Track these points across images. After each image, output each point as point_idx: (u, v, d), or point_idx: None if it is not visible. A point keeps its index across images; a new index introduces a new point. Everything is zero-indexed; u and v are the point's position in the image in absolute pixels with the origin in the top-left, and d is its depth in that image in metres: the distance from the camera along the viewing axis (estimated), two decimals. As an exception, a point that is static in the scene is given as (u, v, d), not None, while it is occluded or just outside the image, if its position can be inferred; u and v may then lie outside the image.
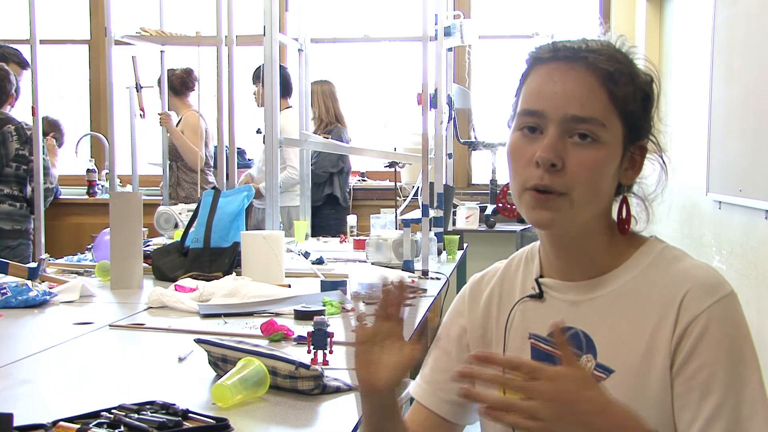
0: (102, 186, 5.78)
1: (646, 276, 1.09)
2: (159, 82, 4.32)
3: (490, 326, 1.21)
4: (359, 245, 3.63)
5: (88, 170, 5.70)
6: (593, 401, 0.96)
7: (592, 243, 1.12)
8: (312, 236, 4.19)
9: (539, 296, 1.16)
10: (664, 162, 1.15)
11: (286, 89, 4.64)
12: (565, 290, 1.13)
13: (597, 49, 1.08)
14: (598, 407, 0.96)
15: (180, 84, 4.73)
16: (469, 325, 1.23)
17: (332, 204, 4.93)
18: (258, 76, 4.77)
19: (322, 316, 1.80)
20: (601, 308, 1.10)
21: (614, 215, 1.14)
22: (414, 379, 1.28)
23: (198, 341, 1.63)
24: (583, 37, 1.10)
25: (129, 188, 4.67)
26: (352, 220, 4.30)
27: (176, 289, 2.46)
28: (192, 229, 2.93)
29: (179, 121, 4.74)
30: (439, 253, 3.38)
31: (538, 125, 1.07)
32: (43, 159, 3.70)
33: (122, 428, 1.24)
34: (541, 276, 1.17)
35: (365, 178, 5.88)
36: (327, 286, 2.52)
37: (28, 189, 3.94)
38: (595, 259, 1.12)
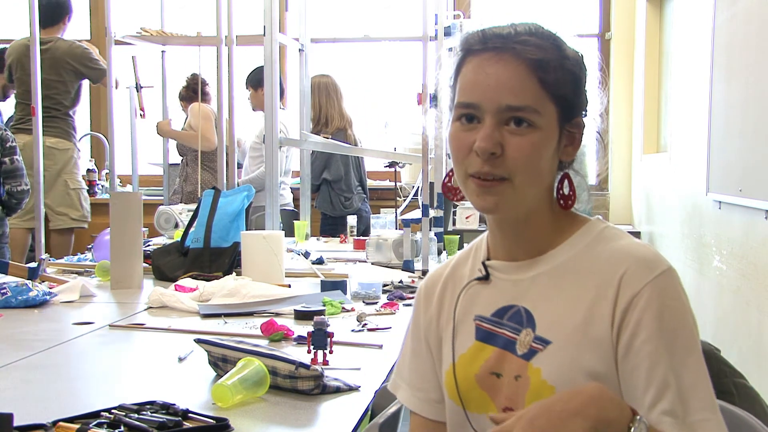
0: (102, 186, 5.79)
1: (586, 253, 1.13)
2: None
3: (442, 315, 1.24)
4: (359, 245, 3.63)
5: (89, 170, 5.71)
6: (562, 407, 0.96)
7: (536, 222, 1.16)
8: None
9: (486, 278, 1.19)
10: (601, 136, 1.19)
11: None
12: (510, 270, 1.17)
13: (525, 38, 1.12)
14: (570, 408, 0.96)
15: (191, 92, 4.71)
16: (425, 319, 1.26)
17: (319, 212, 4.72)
18: (252, 81, 4.77)
19: (322, 316, 1.80)
20: (542, 285, 1.14)
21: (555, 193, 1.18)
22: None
23: (198, 341, 1.63)
24: (511, 22, 1.15)
25: (129, 188, 4.67)
26: (352, 220, 4.30)
27: (176, 289, 2.46)
28: (192, 229, 2.93)
29: (185, 119, 4.75)
30: (439, 253, 3.39)
31: (475, 115, 1.11)
32: (15, 159, 3.67)
33: (122, 428, 1.24)
34: (489, 259, 1.21)
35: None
36: (327, 286, 2.52)
37: (2, 190, 3.72)
38: (539, 238, 1.16)
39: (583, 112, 1.17)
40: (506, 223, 1.16)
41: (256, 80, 4.74)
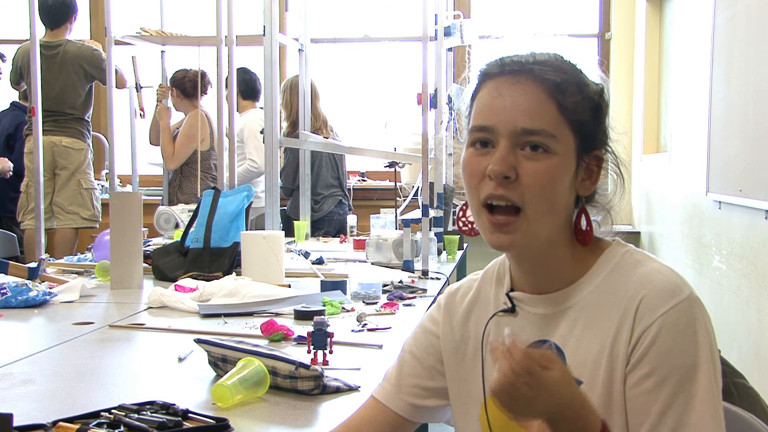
0: (102, 186, 5.78)
1: (608, 284, 1.09)
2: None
3: (465, 341, 1.21)
4: (359, 245, 3.63)
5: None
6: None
7: (555, 256, 1.12)
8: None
9: (512, 310, 1.16)
10: (621, 172, 1.15)
11: (252, 93, 4.73)
12: (536, 303, 1.14)
13: (543, 61, 1.08)
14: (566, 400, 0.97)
15: (192, 87, 4.63)
16: (443, 335, 1.24)
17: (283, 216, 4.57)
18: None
19: (322, 316, 1.80)
20: (569, 320, 1.11)
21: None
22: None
23: (198, 341, 1.63)
24: (531, 50, 1.11)
25: (129, 188, 4.68)
26: (352, 220, 4.29)
27: (176, 289, 2.45)
28: (192, 229, 2.93)
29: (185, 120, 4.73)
30: (439, 253, 3.39)
31: (489, 140, 1.07)
32: None
33: (122, 428, 1.24)
34: (512, 290, 1.17)
35: (365, 178, 5.89)
36: (327, 286, 2.52)
37: None
38: (560, 271, 1.12)
39: (605, 148, 1.12)
40: (523, 258, 1.13)
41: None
